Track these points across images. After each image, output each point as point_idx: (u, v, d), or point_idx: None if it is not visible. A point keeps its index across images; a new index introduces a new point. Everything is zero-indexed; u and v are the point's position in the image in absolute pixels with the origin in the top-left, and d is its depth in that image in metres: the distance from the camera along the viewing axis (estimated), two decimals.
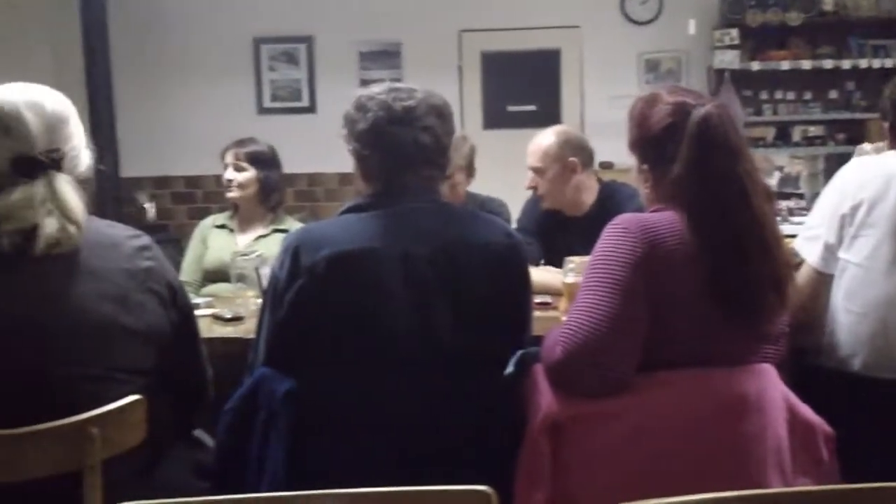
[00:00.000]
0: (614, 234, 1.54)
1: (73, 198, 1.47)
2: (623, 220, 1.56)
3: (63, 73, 5.18)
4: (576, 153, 2.80)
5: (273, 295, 1.64)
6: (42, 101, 1.51)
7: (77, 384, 1.42)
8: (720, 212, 1.51)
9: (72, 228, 1.44)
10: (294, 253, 1.61)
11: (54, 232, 1.42)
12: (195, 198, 6.14)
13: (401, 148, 1.66)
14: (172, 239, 5.32)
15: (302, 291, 1.59)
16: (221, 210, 3.47)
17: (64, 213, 1.44)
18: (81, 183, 1.51)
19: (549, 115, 6.00)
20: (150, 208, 5.85)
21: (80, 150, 1.54)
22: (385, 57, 6.11)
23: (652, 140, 1.60)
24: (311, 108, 6.12)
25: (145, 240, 1.57)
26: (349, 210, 1.69)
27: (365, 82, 6.01)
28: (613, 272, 1.49)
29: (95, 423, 1.38)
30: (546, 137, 2.84)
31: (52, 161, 1.48)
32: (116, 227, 1.58)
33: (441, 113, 1.71)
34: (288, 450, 1.57)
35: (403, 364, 1.60)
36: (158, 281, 1.55)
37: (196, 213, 5.97)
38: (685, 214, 1.51)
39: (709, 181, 1.52)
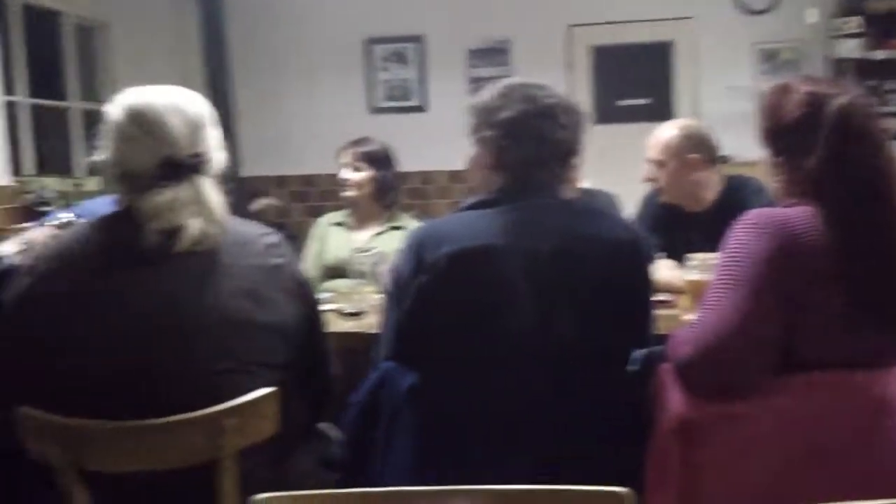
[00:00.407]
0: (746, 230, 1.49)
1: (216, 200, 1.52)
2: (755, 215, 1.51)
3: (185, 79, 5.38)
4: (698, 149, 2.72)
5: (396, 291, 1.66)
6: (183, 104, 1.56)
7: (214, 377, 1.46)
8: (860, 207, 1.44)
9: (213, 228, 1.49)
10: (417, 249, 1.62)
11: (197, 232, 1.47)
12: (310, 196, 6.29)
13: (542, 142, 1.66)
14: (291, 236, 5.46)
15: (424, 288, 1.60)
16: (336, 208, 3.54)
17: (207, 215, 1.49)
18: (218, 183, 1.56)
19: (661, 108, 5.88)
20: (273, 205, 6.02)
21: (217, 152, 1.59)
22: (494, 54, 6.11)
23: (785, 131, 1.54)
24: (421, 107, 6.18)
25: (275, 237, 1.61)
26: (472, 206, 1.69)
27: (474, 80, 6.06)
28: (745, 269, 1.44)
29: (230, 415, 1.43)
30: (668, 130, 2.77)
31: (196, 164, 1.53)
32: (248, 224, 1.62)
33: (577, 113, 1.72)
34: (412, 444, 1.59)
35: (524, 362, 1.59)
36: (288, 277, 1.59)
37: (312, 211, 6.12)
38: (822, 209, 1.45)
39: (848, 175, 1.45)
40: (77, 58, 5.57)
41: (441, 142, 5.89)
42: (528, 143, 1.66)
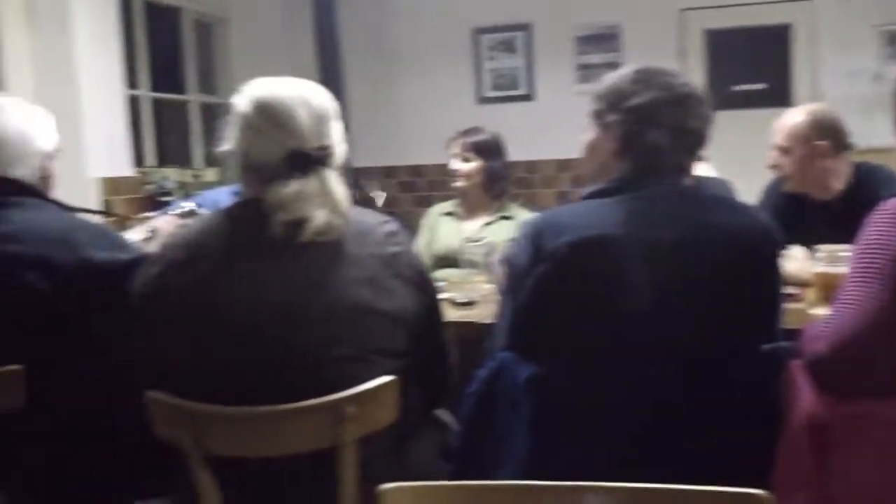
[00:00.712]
0: (882, 221, 1.41)
1: (341, 192, 1.54)
2: (892, 205, 1.43)
3: (298, 71, 5.48)
4: (827, 135, 2.61)
5: (512, 280, 1.65)
6: (310, 97, 1.58)
7: (336, 364, 1.48)
8: None
9: (337, 220, 1.51)
10: (535, 238, 1.60)
11: (323, 223, 1.49)
12: (418, 186, 6.34)
13: (673, 131, 1.62)
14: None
15: (542, 277, 1.58)
16: (444, 198, 3.55)
17: (333, 207, 1.51)
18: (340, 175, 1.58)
19: (779, 93, 5.66)
20: (380, 197, 6.09)
21: (340, 145, 1.61)
22: (603, 41, 6.00)
23: None
24: (528, 96, 6.13)
25: (394, 226, 1.62)
26: (592, 195, 1.66)
27: (583, 67, 5.98)
28: (882, 262, 1.37)
29: (351, 402, 1.44)
30: (796, 115, 2.66)
31: (322, 156, 1.55)
32: (367, 214, 1.64)
33: (706, 103, 1.67)
34: (530, 436, 1.57)
35: (644, 355, 1.55)
36: (406, 265, 1.59)
37: (420, 201, 6.17)
38: None
39: None
40: (196, 52, 5.76)
41: (548, 131, 5.84)
42: (660, 131, 1.62)
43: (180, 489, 1.59)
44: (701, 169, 2.88)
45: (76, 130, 4.24)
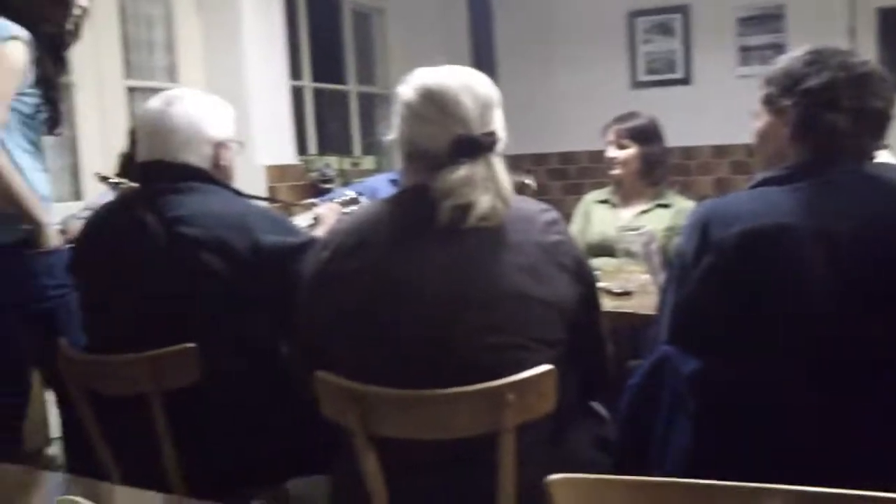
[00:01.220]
0: None
1: (506, 177, 1.54)
2: None
3: (452, 59, 5.54)
4: None
5: (679, 270, 1.60)
6: (474, 84, 1.60)
7: (495, 351, 1.49)
8: None
9: (501, 205, 1.52)
10: (703, 227, 1.54)
11: (488, 208, 1.50)
12: (569, 174, 6.27)
13: (855, 113, 1.53)
14: None
15: (710, 269, 1.52)
16: (595, 186, 3.50)
17: (498, 192, 1.52)
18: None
19: None
20: (531, 185, 6.08)
21: (503, 132, 1.62)
22: (766, 21, 5.73)
23: None
24: (685, 80, 5.94)
25: (554, 214, 1.61)
26: (764, 182, 1.58)
27: (744, 50, 5.73)
28: None
29: (512, 389, 1.44)
30: None
31: (488, 142, 1.56)
32: (528, 201, 1.64)
33: (889, 83, 1.56)
34: (692, 433, 1.52)
35: (816, 354, 1.47)
36: (566, 254, 1.58)
37: (570, 189, 6.11)
38: None
39: None
40: (354, 43, 5.91)
41: (706, 115, 5.64)
42: (838, 114, 1.53)
43: (341, 468, 1.65)
44: (882, 156, 2.71)
45: (245, 120, 4.43)
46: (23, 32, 2.26)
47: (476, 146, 1.54)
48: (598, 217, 3.31)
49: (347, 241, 1.60)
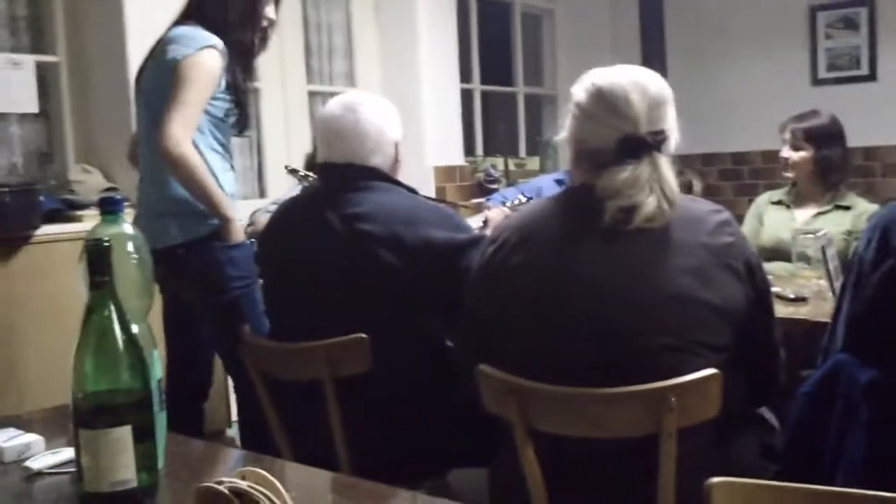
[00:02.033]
0: None
1: (672, 178, 1.53)
2: None
3: (620, 58, 5.48)
4: None
5: (856, 275, 1.53)
6: (645, 82, 1.59)
7: (659, 353, 1.48)
8: None
9: (667, 206, 1.51)
10: (884, 231, 1.47)
11: (653, 209, 1.49)
12: (741, 175, 6.05)
13: None
14: None
15: (889, 275, 1.45)
16: (769, 187, 3.37)
17: (664, 193, 1.51)
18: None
19: None
20: (698, 185, 5.92)
21: (674, 131, 1.60)
22: None
23: None
24: (871, 76, 5.60)
25: (726, 215, 1.58)
26: None
27: None
28: None
29: (674, 392, 1.43)
30: None
31: (656, 142, 1.55)
32: (697, 201, 1.61)
33: None
34: (867, 445, 1.46)
35: None
36: (737, 257, 1.54)
37: (742, 190, 5.90)
38: None
39: None
40: (523, 44, 5.95)
41: (891, 113, 5.30)
42: None
43: (501, 461, 1.68)
44: None
45: (418, 122, 4.59)
46: (217, 42, 2.44)
47: (642, 146, 1.53)
48: (771, 219, 3.19)
49: (512, 238, 1.63)
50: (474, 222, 2.46)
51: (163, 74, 2.41)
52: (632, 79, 1.58)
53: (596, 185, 1.53)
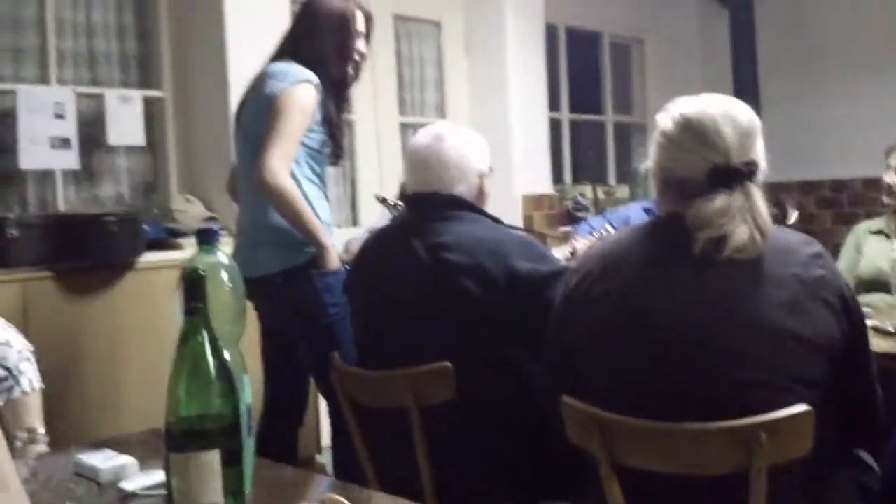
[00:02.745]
0: None
1: (765, 208, 1.51)
2: None
3: (711, 86, 5.41)
4: None
5: None
6: (735, 112, 1.57)
7: (750, 388, 1.45)
8: None
9: (759, 237, 1.48)
10: None
11: (745, 240, 1.47)
12: (840, 203, 5.86)
13: None
14: None
15: None
16: (870, 215, 3.26)
17: (756, 223, 1.49)
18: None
19: None
20: (793, 214, 5.77)
21: (763, 160, 1.58)
22: None
23: None
24: None
25: (818, 247, 1.54)
26: None
27: None
28: None
29: (765, 429, 1.39)
30: None
31: (748, 172, 1.53)
32: (789, 233, 1.58)
33: None
34: None
35: None
36: (830, 289, 1.50)
37: (841, 218, 5.71)
38: None
39: None
40: (612, 73, 5.94)
41: None
42: None
43: (586, 494, 1.66)
44: None
45: (506, 151, 4.62)
46: (312, 76, 2.53)
47: (734, 176, 1.51)
48: (871, 249, 3.08)
49: (596, 267, 1.62)
50: (561, 252, 2.46)
51: (261, 108, 2.51)
52: (720, 108, 1.57)
53: (685, 214, 1.52)
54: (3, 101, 3.38)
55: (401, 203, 2.67)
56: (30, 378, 1.70)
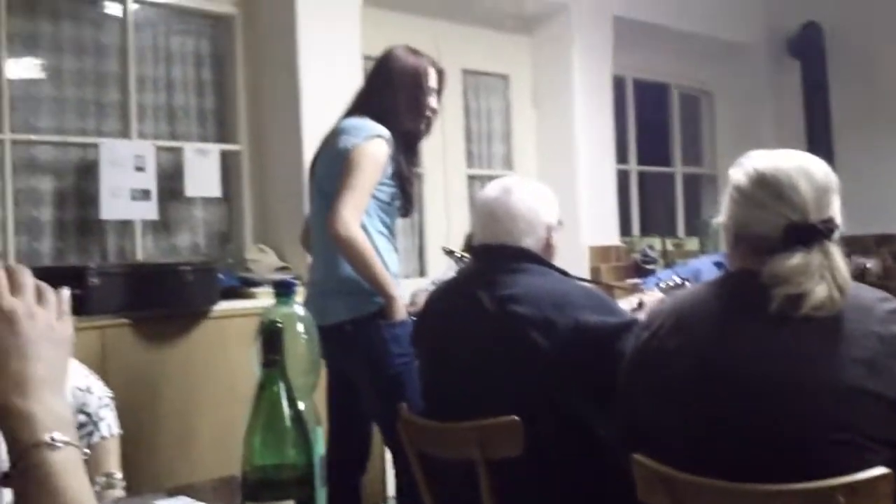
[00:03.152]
0: None
1: (844, 266, 1.48)
2: None
3: (783, 141, 5.37)
4: None
5: None
6: (811, 168, 1.56)
7: (827, 448, 1.41)
8: None
9: (838, 295, 1.46)
10: None
11: (823, 298, 1.45)
12: None
13: None
14: None
15: None
16: None
17: (835, 281, 1.46)
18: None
19: None
20: (873, 267, 5.61)
21: (839, 217, 1.56)
22: None
23: None
24: None
25: (895, 303, 1.51)
26: None
27: None
28: None
29: (843, 491, 1.35)
30: None
31: (826, 230, 1.51)
32: (865, 289, 1.55)
33: None
34: None
35: None
36: None
37: None
38: None
39: None
40: (681, 124, 5.92)
41: None
42: None
43: None
44: None
45: (572, 204, 4.62)
46: (384, 131, 2.59)
47: (812, 234, 1.49)
48: None
49: (667, 323, 1.61)
50: (628, 305, 2.44)
51: (334, 162, 2.58)
52: (796, 164, 1.56)
53: (762, 271, 1.50)
54: (86, 154, 3.52)
55: (467, 255, 2.70)
56: (109, 424, 1.74)
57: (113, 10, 3.65)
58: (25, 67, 3.46)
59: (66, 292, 0.95)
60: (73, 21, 3.53)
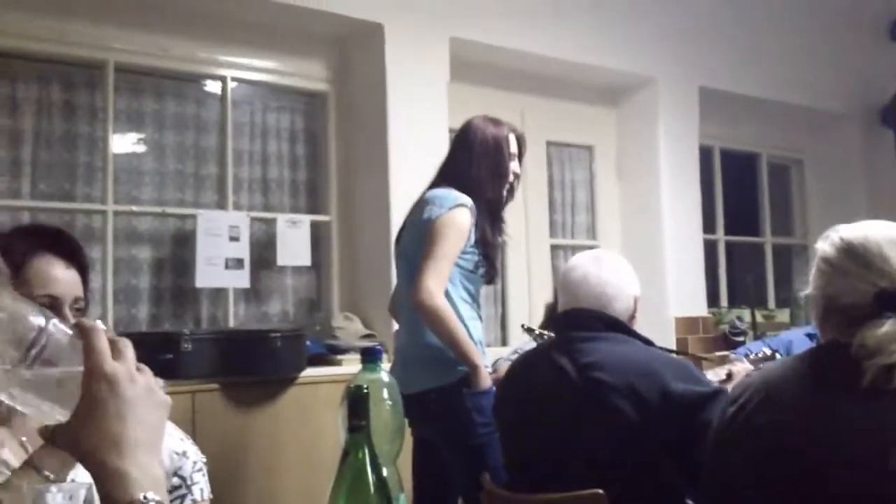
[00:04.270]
0: None
1: None
2: None
3: (874, 200, 5.25)
4: None
5: None
6: None
7: None
8: None
9: None
10: None
11: None
12: None
13: None
14: None
15: None
16: None
17: None
18: None
19: None
20: None
21: None
22: None
23: None
24: None
25: None
26: None
27: None
28: None
29: None
30: None
31: None
32: None
33: None
34: None
35: None
36: None
37: None
38: None
39: None
40: (770, 195, 5.82)
41: None
42: None
43: None
44: None
45: (658, 274, 4.57)
46: (467, 200, 2.64)
47: None
48: None
49: (756, 396, 1.57)
50: (716, 376, 2.39)
51: (419, 232, 2.63)
52: (883, 233, 1.54)
53: (852, 342, 1.47)
54: (184, 225, 3.69)
55: (547, 333, 2.70)
56: (202, 488, 1.79)
57: (213, 87, 3.85)
58: (130, 142, 3.66)
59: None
60: (175, 98, 3.74)
